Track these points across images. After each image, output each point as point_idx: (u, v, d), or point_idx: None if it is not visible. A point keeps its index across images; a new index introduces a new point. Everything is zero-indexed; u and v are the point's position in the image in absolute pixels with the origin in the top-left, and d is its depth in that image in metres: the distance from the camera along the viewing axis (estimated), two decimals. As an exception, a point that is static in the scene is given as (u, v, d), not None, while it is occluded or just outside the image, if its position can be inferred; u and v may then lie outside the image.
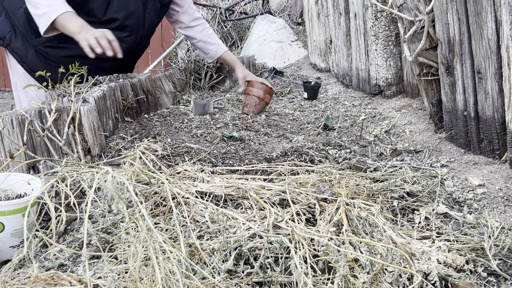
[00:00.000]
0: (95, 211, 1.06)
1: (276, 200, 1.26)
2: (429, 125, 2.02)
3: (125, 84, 1.93)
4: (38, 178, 1.11)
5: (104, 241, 1.05)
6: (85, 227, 0.73)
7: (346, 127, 2.16)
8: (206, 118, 2.19)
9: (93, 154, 1.50)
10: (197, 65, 3.01)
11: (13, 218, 1.04)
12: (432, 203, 1.29)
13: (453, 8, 1.65)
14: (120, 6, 2.04)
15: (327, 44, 3.52)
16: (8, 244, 1.05)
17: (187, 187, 1.28)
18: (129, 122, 1.90)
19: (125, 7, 2.06)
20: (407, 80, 2.41)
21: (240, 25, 5.10)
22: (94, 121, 1.50)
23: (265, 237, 0.88)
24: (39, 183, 1.11)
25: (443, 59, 1.77)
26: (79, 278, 0.87)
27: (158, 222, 1.11)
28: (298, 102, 2.81)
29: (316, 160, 1.60)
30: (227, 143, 1.80)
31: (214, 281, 0.85)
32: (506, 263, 1.02)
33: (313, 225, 1.14)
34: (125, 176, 0.81)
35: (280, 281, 0.90)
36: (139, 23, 2.14)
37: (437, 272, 0.91)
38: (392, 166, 1.55)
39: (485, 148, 1.62)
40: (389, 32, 2.43)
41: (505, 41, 1.41)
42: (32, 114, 1.41)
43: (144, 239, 0.76)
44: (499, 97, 1.51)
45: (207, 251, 0.98)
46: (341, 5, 3.02)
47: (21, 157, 1.37)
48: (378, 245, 0.89)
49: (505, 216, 1.23)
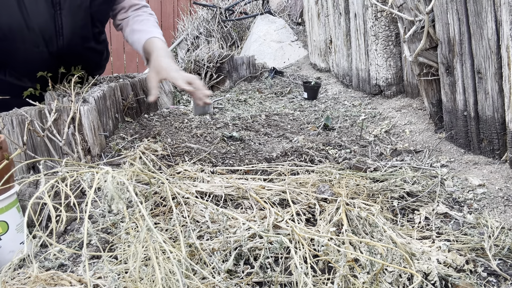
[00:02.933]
0: (95, 211, 1.06)
1: (276, 200, 1.26)
2: (429, 125, 2.02)
3: (125, 84, 1.93)
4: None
5: (104, 241, 1.05)
6: (85, 227, 0.73)
7: (346, 127, 2.16)
8: (206, 118, 2.19)
9: (93, 154, 1.50)
10: (197, 65, 3.01)
11: (12, 213, 1.02)
12: (432, 203, 1.29)
13: (453, 8, 1.65)
14: (9, 18, 1.54)
15: (327, 44, 3.52)
16: (18, 241, 1.04)
17: (187, 187, 1.28)
18: (129, 122, 1.90)
19: (15, 20, 1.55)
20: (407, 80, 2.41)
21: (240, 25, 5.10)
22: (94, 121, 1.50)
23: (265, 237, 0.88)
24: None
25: (443, 59, 1.77)
26: (79, 278, 0.87)
27: (158, 222, 1.11)
28: (298, 102, 2.81)
29: (316, 160, 1.60)
30: (227, 143, 1.80)
31: (214, 281, 0.85)
32: (506, 263, 1.02)
33: (313, 225, 1.14)
34: (125, 176, 0.81)
35: (280, 281, 0.90)
36: (44, 34, 1.62)
37: (437, 272, 0.91)
38: (392, 166, 1.55)
39: (485, 148, 1.62)
40: (389, 32, 2.43)
41: (505, 41, 1.41)
42: (32, 114, 1.41)
43: (144, 239, 0.76)
44: (499, 97, 1.51)
45: (207, 251, 0.98)
46: (341, 5, 3.02)
47: (21, 157, 1.37)
48: (378, 245, 0.89)
49: (505, 216, 1.23)
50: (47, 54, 1.67)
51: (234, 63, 3.24)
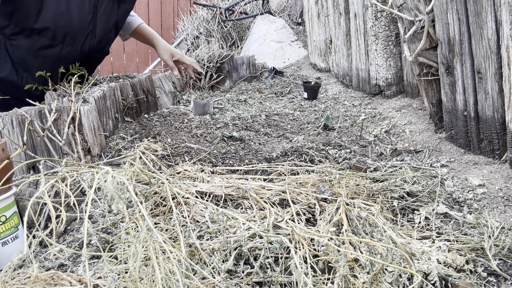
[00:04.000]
0: (95, 211, 1.06)
1: (276, 200, 1.26)
2: (429, 125, 2.02)
3: (125, 84, 1.93)
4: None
5: (104, 241, 1.05)
6: (85, 227, 0.73)
7: (346, 127, 2.16)
8: (206, 118, 2.19)
9: (93, 154, 1.50)
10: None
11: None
12: (432, 203, 1.29)
13: (453, 8, 1.65)
14: (56, 14, 1.63)
15: (327, 44, 3.52)
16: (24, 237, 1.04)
17: (187, 187, 1.28)
18: (129, 122, 1.90)
19: (62, 15, 1.64)
20: (407, 80, 2.41)
21: (240, 25, 5.10)
22: (94, 121, 1.50)
23: (265, 237, 0.88)
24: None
25: (443, 59, 1.77)
26: (79, 278, 0.87)
27: (158, 222, 1.11)
28: (298, 102, 2.81)
29: (316, 160, 1.60)
30: (227, 143, 1.80)
31: (214, 281, 0.85)
32: (506, 263, 1.02)
33: (313, 225, 1.14)
34: (125, 176, 0.81)
35: (280, 281, 0.90)
36: (83, 32, 1.73)
37: (437, 272, 0.91)
38: (392, 166, 1.55)
39: (485, 148, 1.62)
40: (389, 32, 2.43)
41: (505, 41, 1.41)
42: (32, 114, 1.41)
43: (144, 239, 0.76)
44: (499, 97, 1.51)
45: (207, 251, 0.98)
46: (341, 5, 3.02)
47: (21, 157, 1.37)
48: (378, 245, 0.89)
49: (505, 216, 1.23)
50: (78, 53, 1.76)
51: (234, 63, 3.24)
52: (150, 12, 6.84)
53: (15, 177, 1.29)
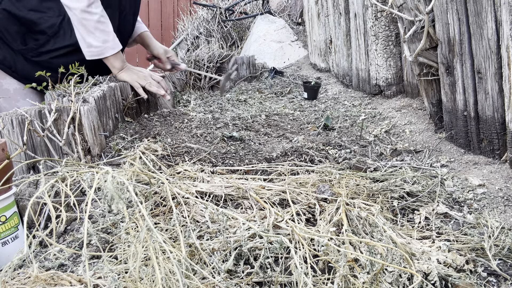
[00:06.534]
0: (95, 211, 1.06)
1: (276, 200, 1.26)
2: (429, 125, 2.02)
3: (125, 84, 1.93)
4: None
5: (104, 241, 1.05)
6: (85, 227, 0.73)
7: (346, 127, 2.16)
8: (206, 118, 2.19)
9: (93, 154, 1.50)
10: (197, 65, 3.01)
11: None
12: (432, 203, 1.29)
13: (453, 8, 1.65)
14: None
15: (327, 44, 3.52)
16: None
17: (187, 187, 1.28)
18: (129, 122, 1.90)
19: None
20: (407, 80, 2.41)
21: (240, 25, 5.10)
22: (94, 121, 1.50)
23: (265, 237, 0.88)
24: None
25: (443, 59, 1.77)
26: (79, 278, 0.87)
27: (158, 222, 1.11)
28: (298, 102, 2.81)
29: (316, 160, 1.60)
30: (227, 143, 1.80)
31: (214, 281, 0.85)
32: (506, 263, 1.02)
33: (313, 225, 1.14)
34: (125, 176, 0.81)
35: (280, 281, 0.90)
36: (129, 32, 2.01)
37: (437, 272, 0.91)
38: (392, 166, 1.55)
39: (485, 148, 1.62)
40: (389, 32, 2.43)
41: (505, 41, 1.41)
42: (32, 114, 1.40)
43: (144, 239, 0.76)
44: (499, 97, 1.51)
45: (207, 251, 0.98)
46: (341, 5, 3.02)
47: (21, 157, 1.37)
48: (378, 245, 0.89)
49: (505, 216, 1.23)
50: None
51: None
52: (150, 12, 6.84)
53: (15, 177, 1.29)
